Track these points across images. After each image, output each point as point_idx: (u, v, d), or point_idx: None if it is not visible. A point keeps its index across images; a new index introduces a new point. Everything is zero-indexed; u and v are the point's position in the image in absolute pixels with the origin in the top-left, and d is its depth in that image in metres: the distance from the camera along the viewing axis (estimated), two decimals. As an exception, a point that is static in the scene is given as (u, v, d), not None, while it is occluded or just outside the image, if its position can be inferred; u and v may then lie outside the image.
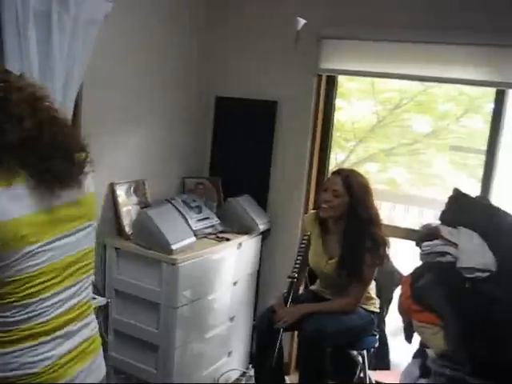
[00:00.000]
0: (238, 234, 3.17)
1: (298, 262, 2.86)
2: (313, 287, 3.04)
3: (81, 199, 1.34)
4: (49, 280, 1.26)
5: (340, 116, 4.00)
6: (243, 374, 3.40)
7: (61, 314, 1.31)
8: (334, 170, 2.93)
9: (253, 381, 3.16)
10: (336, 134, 3.80)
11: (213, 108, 3.55)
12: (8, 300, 1.20)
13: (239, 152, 3.48)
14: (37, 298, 1.24)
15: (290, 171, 3.36)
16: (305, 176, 3.33)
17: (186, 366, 2.88)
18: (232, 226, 3.21)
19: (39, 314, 1.25)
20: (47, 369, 1.28)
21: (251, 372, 3.33)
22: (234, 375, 3.36)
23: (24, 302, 1.22)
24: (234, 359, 3.33)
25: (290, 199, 3.37)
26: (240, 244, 3.14)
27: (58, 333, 1.31)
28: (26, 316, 1.23)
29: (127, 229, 2.88)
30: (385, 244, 2.72)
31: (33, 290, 1.23)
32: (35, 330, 1.25)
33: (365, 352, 2.95)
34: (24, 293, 1.22)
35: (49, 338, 1.28)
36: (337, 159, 4.20)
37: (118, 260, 2.84)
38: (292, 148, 3.34)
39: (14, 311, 1.22)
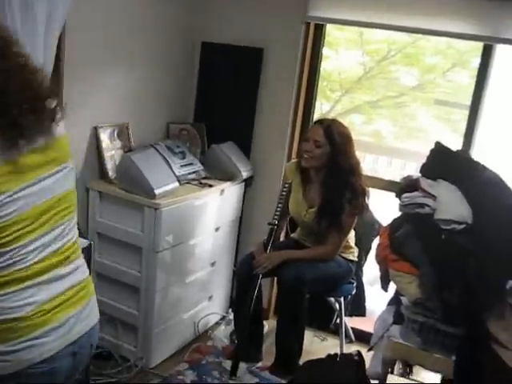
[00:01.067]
0: (220, 180, 3.19)
1: (278, 209, 2.91)
2: (294, 235, 3.10)
3: (49, 143, 1.33)
4: (23, 228, 1.26)
5: (327, 66, 3.97)
6: (223, 318, 3.48)
7: (43, 258, 1.31)
8: (316, 120, 2.94)
9: (232, 325, 3.24)
10: (322, 84, 3.78)
11: (198, 53, 3.50)
12: None
13: (224, 98, 3.46)
14: (11, 247, 1.24)
15: (274, 119, 3.36)
16: (289, 125, 3.33)
17: (167, 308, 2.94)
18: (215, 172, 3.22)
19: (17, 261, 1.26)
20: (32, 314, 1.28)
21: (230, 316, 3.41)
22: (214, 319, 3.44)
23: (2, 249, 1.23)
24: (214, 303, 3.41)
25: (273, 147, 3.38)
26: (223, 190, 3.16)
27: (43, 278, 1.31)
28: (4, 264, 1.24)
29: (110, 173, 2.87)
30: (364, 194, 2.76)
31: (7, 239, 1.23)
32: (15, 276, 1.26)
33: (342, 299, 3.04)
34: (1, 241, 1.22)
35: (31, 283, 1.29)
36: (322, 109, 4.19)
37: (101, 203, 2.85)
38: (277, 96, 3.33)
39: None
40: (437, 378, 2.67)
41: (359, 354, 2.16)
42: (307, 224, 2.86)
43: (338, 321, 3.18)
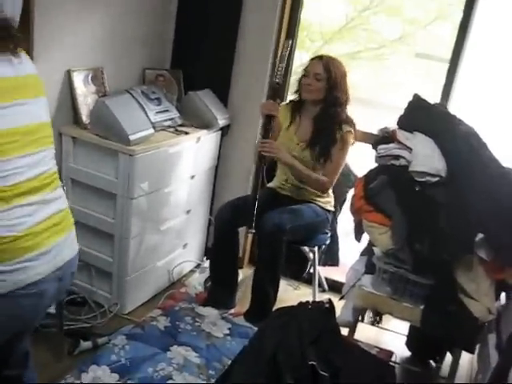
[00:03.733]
0: (197, 128, 3.15)
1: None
2: (271, 184, 3.10)
3: (25, 76, 1.43)
4: (7, 143, 1.32)
5: (307, 15, 3.90)
6: (197, 266, 3.51)
7: (28, 178, 1.37)
8: (314, 56, 2.94)
9: (206, 272, 3.27)
10: (302, 34, 3.72)
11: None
12: None
13: (202, 45, 3.37)
14: None
15: (252, 68, 3.30)
16: (267, 73, 3.28)
17: (142, 256, 2.94)
18: (192, 120, 3.18)
19: (3, 176, 1.31)
20: (22, 235, 1.34)
21: (205, 264, 3.44)
22: (188, 267, 3.46)
23: None
24: (188, 251, 3.42)
25: (251, 96, 3.33)
26: (199, 138, 3.13)
27: (29, 199, 1.37)
28: None
29: (84, 118, 2.81)
30: (355, 125, 2.88)
31: None
32: (5, 193, 1.31)
33: (316, 248, 3.08)
34: None
35: (20, 202, 1.35)
36: (302, 59, 4.14)
37: (75, 149, 2.80)
38: (256, 44, 3.26)
39: None
40: (405, 326, 2.75)
41: (330, 302, 2.20)
42: (298, 159, 2.85)
43: (311, 270, 3.23)
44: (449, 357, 2.58)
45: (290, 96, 3.20)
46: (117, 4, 3.00)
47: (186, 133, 3.04)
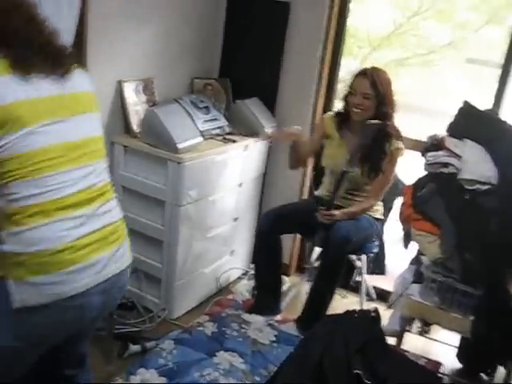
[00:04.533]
0: (245, 136, 3.18)
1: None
2: (317, 193, 3.09)
3: (74, 94, 1.46)
4: (54, 158, 1.36)
5: (355, 21, 3.89)
6: (245, 273, 3.53)
7: (74, 192, 1.40)
8: (358, 71, 2.89)
9: (252, 279, 3.29)
10: (350, 41, 3.71)
11: (225, 7, 3.45)
12: (13, 177, 1.31)
13: (250, 53, 3.42)
14: (42, 175, 1.34)
15: (299, 75, 3.31)
16: (314, 81, 3.28)
17: (189, 262, 2.99)
18: (239, 128, 3.21)
19: (50, 190, 1.35)
20: (67, 247, 1.37)
21: (252, 271, 3.46)
22: (236, 274, 3.49)
23: (28, 178, 1.32)
24: (235, 258, 3.45)
25: (298, 104, 3.35)
26: (246, 146, 3.16)
27: (75, 212, 1.39)
28: (34, 191, 1.33)
29: (135, 127, 2.89)
30: (401, 137, 2.83)
31: (38, 166, 1.33)
32: (48, 207, 1.34)
33: (363, 257, 3.06)
34: (30, 169, 1.32)
35: (65, 216, 1.37)
36: (349, 66, 4.12)
37: (126, 157, 2.88)
38: (303, 52, 3.27)
39: (21, 188, 1.32)
40: (455, 337, 2.69)
41: (376, 310, 2.18)
42: (346, 173, 2.85)
43: (358, 278, 3.20)
44: (501, 370, 2.51)
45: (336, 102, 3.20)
46: (167, 15, 3.07)
47: (234, 141, 3.08)
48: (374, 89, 2.74)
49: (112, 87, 2.87)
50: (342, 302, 3.40)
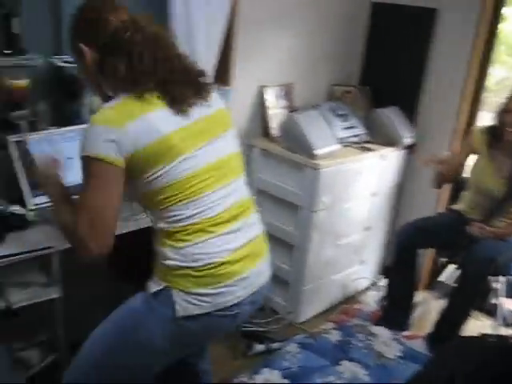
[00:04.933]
0: (382, 145, 3.13)
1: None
2: (456, 206, 2.96)
3: (215, 114, 1.55)
4: (206, 180, 1.45)
5: (508, 27, 3.65)
6: (373, 284, 3.47)
7: (224, 210, 1.48)
8: None
9: (381, 291, 3.23)
10: (500, 48, 3.50)
11: (368, 14, 3.42)
12: (176, 200, 1.42)
13: (392, 61, 3.35)
14: (199, 195, 1.44)
15: (443, 85, 3.19)
16: (458, 91, 3.14)
17: (319, 268, 3.00)
18: (377, 136, 3.16)
19: (204, 210, 1.44)
20: (224, 261, 1.46)
21: (381, 282, 3.39)
22: (364, 283, 3.45)
23: (189, 200, 1.43)
24: (365, 268, 3.41)
25: (440, 115, 3.22)
26: (383, 156, 3.11)
27: (227, 228, 1.49)
28: (194, 212, 1.43)
29: (273, 131, 2.96)
30: None
31: (192, 189, 1.43)
32: (204, 225, 1.45)
33: (503, 278, 2.88)
34: (187, 192, 1.42)
35: (219, 232, 1.47)
36: (497, 76, 3.89)
37: (263, 161, 2.96)
38: (448, 60, 3.14)
39: (183, 209, 1.43)
40: None
41: (517, 338, 2.04)
42: (491, 193, 2.72)
43: (494, 301, 3.02)
44: None
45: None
46: (309, 22, 3.11)
47: (371, 149, 3.04)
48: None
49: (254, 92, 2.96)
50: (475, 325, 3.22)
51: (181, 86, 1.45)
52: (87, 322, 1.98)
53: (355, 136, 3.07)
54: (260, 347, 2.77)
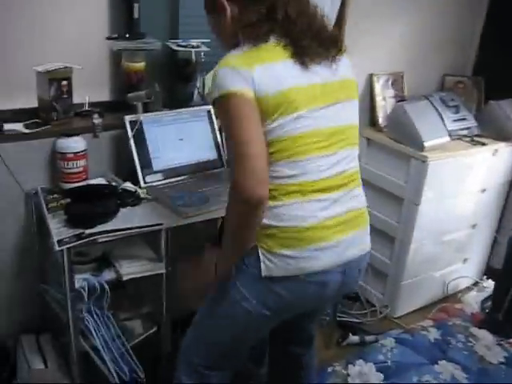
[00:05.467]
0: (495, 139, 2.96)
1: None
2: None
3: (341, 80, 1.49)
4: (314, 142, 1.42)
5: None
6: (475, 284, 3.33)
7: (327, 177, 1.44)
8: None
9: (485, 292, 3.10)
10: None
11: (486, 3, 3.24)
12: (280, 156, 1.40)
13: (509, 50, 3.16)
14: (304, 157, 1.41)
15: None
16: None
17: (419, 263, 2.92)
18: (489, 130, 3.00)
19: (306, 172, 1.41)
20: (313, 226, 1.43)
21: (485, 283, 3.25)
22: (465, 283, 3.31)
23: (292, 159, 1.40)
24: (468, 267, 3.27)
25: None
26: (496, 150, 2.94)
27: (325, 195, 1.44)
28: (294, 172, 1.40)
29: (380, 120, 2.90)
30: None
31: (300, 149, 1.40)
32: (303, 187, 1.42)
33: None
34: (292, 151, 1.39)
35: (316, 197, 1.43)
36: None
37: (368, 150, 2.91)
38: None
39: (284, 167, 1.40)
40: None
41: None
42: None
43: None
44: None
45: None
46: (424, 7, 3.00)
47: (483, 143, 2.89)
48: None
49: (363, 80, 2.91)
50: None
51: (312, 42, 1.43)
52: (191, 298, 2.06)
53: (466, 129, 2.94)
54: (354, 338, 2.75)
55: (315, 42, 1.44)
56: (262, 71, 1.35)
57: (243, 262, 1.48)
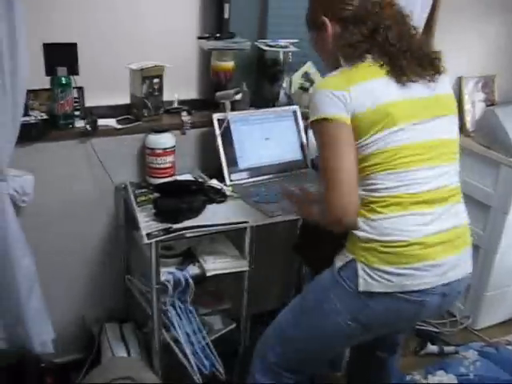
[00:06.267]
0: None
1: None
2: None
3: (437, 96, 1.49)
4: (414, 155, 1.41)
5: None
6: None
7: (428, 190, 1.43)
8: None
9: None
10: None
11: None
12: (379, 169, 1.40)
13: None
14: (403, 169, 1.40)
15: None
16: None
17: (505, 274, 2.80)
18: None
19: (406, 184, 1.40)
20: (416, 242, 1.41)
21: None
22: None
23: (392, 171, 1.40)
24: (556, 281, 3.11)
25: None
26: None
27: (426, 209, 1.43)
28: (394, 184, 1.40)
29: (469, 125, 2.81)
30: None
31: (399, 161, 1.40)
32: (403, 199, 1.40)
33: None
34: (392, 163, 1.40)
35: (417, 211, 1.41)
36: None
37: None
38: None
39: (384, 179, 1.40)
40: None
41: None
42: None
43: None
44: None
45: None
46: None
47: None
48: None
49: (452, 83, 2.81)
50: None
51: (409, 61, 1.45)
52: (268, 297, 2.08)
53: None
54: (433, 348, 2.67)
55: (413, 62, 1.45)
56: (358, 90, 1.39)
57: (339, 274, 1.48)
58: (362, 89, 1.39)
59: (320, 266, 1.58)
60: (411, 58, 1.45)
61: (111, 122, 2.09)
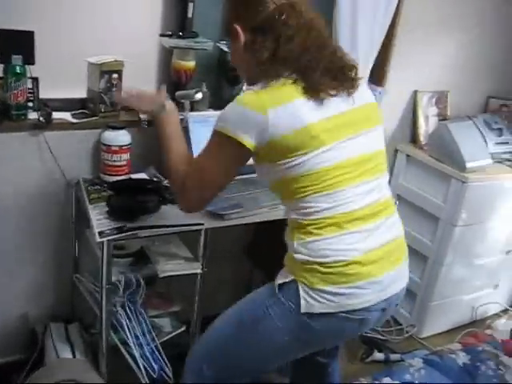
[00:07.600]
0: (537, 166, 2.92)
1: None
2: None
3: (360, 107, 1.45)
4: (344, 174, 1.38)
5: None
6: (505, 311, 3.27)
7: (361, 207, 1.41)
8: None
9: (512, 320, 3.04)
10: None
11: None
12: (310, 192, 1.37)
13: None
14: (336, 189, 1.38)
15: None
16: None
17: (449, 285, 2.88)
18: (532, 156, 2.96)
19: (340, 204, 1.38)
20: (354, 261, 1.38)
21: (515, 311, 3.20)
22: (494, 309, 3.25)
23: (326, 192, 1.37)
24: (498, 293, 3.21)
25: None
26: (538, 177, 2.90)
27: (362, 226, 1.41)
28: (329, 205, 1.38)
29: (422, 138, 2.88)
30: None
31: (331, 181, 1.37)
32: (338, 219, 1.38)
33: None
34: (324, 184, 1.37)
35: (353, 229, 1.39)
36: None
37: (407, 167, 2.88)
38: None
39: (319, 201, 1.38)
40: None
41: None
42: None
43: None
44: None
45: None
46: (472, 27, 2.96)
47: (525, 169, 2.85)
48: None
49: (407, 96, 2.90)
50: None
51: (320, 75, 1.37)
52: (218, 300, 2.06)
53: (508, 153, 2.90)
54: (379, 355, 2.71)
55: (327, 76, 1.39)
56: (277, 113, 1.32)
57: (281, 294, 1.44)
58: (283, 111, 1.33)
59: (272, 268, 1.55)
60: (324, 71, 1.38)
61: (66, 116, 2.03)
